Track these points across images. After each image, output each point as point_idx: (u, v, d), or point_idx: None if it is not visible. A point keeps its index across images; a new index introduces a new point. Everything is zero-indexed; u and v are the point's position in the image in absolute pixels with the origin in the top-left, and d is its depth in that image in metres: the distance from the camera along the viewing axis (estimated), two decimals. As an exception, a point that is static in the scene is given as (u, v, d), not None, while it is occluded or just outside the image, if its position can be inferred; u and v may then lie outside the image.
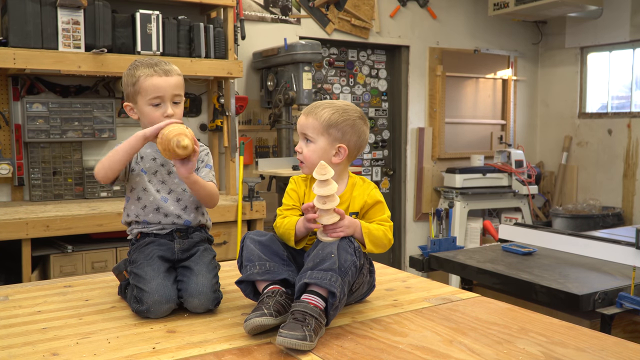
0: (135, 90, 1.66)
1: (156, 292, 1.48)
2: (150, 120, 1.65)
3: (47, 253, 3.01)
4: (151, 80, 1.64)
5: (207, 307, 1.53)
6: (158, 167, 1.70)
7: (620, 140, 5.33)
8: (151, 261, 1.58)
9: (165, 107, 1.65)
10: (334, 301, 1.33)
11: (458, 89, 5.58)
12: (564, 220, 5.08)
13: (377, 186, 1.70)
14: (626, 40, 5.24)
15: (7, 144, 3.47)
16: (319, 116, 1.56)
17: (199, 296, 1.52)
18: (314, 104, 1.60)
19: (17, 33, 3.12)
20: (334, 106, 1.57)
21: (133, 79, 1.66)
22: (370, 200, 1.56)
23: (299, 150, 1.59)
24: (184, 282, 1.55)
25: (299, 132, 1.61)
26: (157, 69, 1.65)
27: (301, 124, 1.59)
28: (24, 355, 1.25)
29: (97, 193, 3.60)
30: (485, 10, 5.42)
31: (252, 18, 4.35)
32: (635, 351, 1.26)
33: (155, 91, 1.64)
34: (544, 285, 2.38)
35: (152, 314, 1.48)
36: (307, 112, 1.59)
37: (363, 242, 1.49)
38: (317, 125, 1.55)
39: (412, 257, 3.23)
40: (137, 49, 3.42)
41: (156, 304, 1.47)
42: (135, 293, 1.53)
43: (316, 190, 1.41)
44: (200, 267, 1.58)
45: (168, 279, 1.54)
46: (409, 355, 1.24)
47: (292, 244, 1.53)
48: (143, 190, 1.68)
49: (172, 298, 1.51)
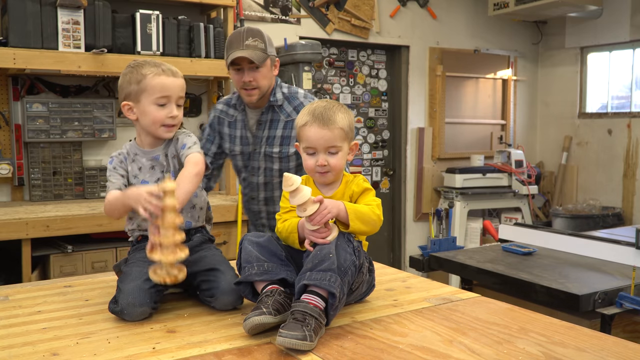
0: (140, 89, 1.63)
1: (130, 294, 1.44)
2: (152, 120, 1.63)
3: (47, 253, 3.01)
4: (159, 79, 1.62)
5: (236, 304, 1.53)
6: (159, 174, 1.68)
7: (620, 140, 5.33)
8: (141, 263, 1.55)
9: (171, 108, 1.64)
10: (333, 301, 1.33)
11: (458, 89, 5.58)
12: (564, 220, 5.08)
13: (377, 186, 1.70)
14: (626, 40, 5.24)
15: (7, 144, 3.47)
16: (339, 123, 1.51)
17: (230, 293, 1.51)
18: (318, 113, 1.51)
19: (17, 33, 3.12)
20: (335, 107, 1.54)
21: (139, 76, 1.62)
22: (357, 189, 1.55)
23: (324, 163, 1.50)
24: (212, 281, 1.53)
25: (321, 147, 1.51)
26: (164, 69, 1.63)
27: (326, 139, 1.50)
28: (24, 355, 1.24)
29: (97, 193, 3.60)
30: (485, 10, 5.42)
31: (252, 18, 4.35)
32: (635, 351, 1.26)
33: (162, 90, 1.62)
34: (544, 285, 2.38)
35: (127, 315, 1.44)
36: (322, 123, 1.50)
37: (347, 220, 1.45)
38: (342, 134, 1.52)
39: (412, 257, 3.23)
40: (137, 49, 3.42)
41: (129, 307, 1.43)
42: (116, 292, 1.51)
43: (292, 202, 1.40)
44: (224, 267, 1.58)
45: (148, 283, 1.48)
46: (409, 355, 1.24)
47: (298, 247, 1.52)
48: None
49: (146, 302, 1.45)
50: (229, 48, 2.22)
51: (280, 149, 2.32)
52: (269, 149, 2.32)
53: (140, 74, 1.62)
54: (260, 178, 2.37)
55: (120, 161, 1.71)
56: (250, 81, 2.22)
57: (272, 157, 2.33)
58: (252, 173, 2.39)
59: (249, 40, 2.19)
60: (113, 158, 1.72)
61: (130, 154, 1.72)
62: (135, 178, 1.68)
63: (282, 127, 2.31)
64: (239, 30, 2.22)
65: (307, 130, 1.52)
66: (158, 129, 1.65)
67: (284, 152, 2.32)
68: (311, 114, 1.52)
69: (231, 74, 2.29)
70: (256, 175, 2.37)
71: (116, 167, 1.70)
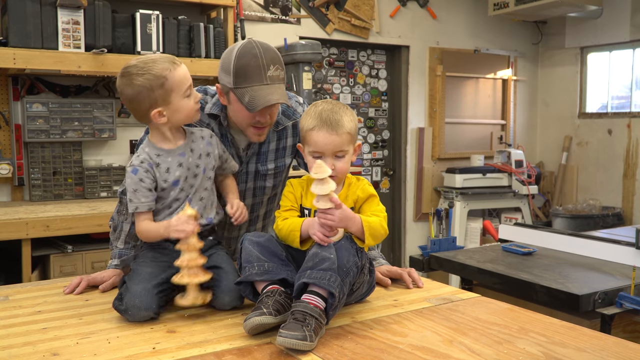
0: (167, 90, 1.54)
1: (137, 296, 1.43)
2: (187, 113, 1.60)
3: (47, 253, 3.01)
4: (178, 72, 1.57)
5: (235, 304, 1.53)
6: (186, 172, 1.63)
7: (620, 140, 5.33)
8: (152, 263, 1.55)
9: (195, 93, 1.62)
10: (332, 301, 1.33)
11: (458, 89, 5.58)
12: (564, 220, 5.08)
13: (377, 186, 1.70)
14: (626, 40, 5.24)
15: (7, 144, 3.47)
16: (347, 127, 1.50)
17: (230, 293, 1.51)
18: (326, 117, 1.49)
19: (17, 33, 3.12)
20: (341, 110, 1.53)
21: (160, 79, 1.53)
22: (363, 194, 1.55)
23: (332, 167, 1.47)
24: (214, 279, 1.52)
25: (329, 152, 1.49)
26: (172, 60, 1.59)
27: (335, 144, 1.48)
28: (24, 355, 1.24)
29: (97, 193, 3.60)
30: (485, 10, 5.42)
31: (252, 18, 4.35)
32: (635, 351, 1.26)
33: (186, 81, 1.59)
34: (544, 285, 2.38)
35: (130, 316, 1.44)
36: (331, 129, 1.48)
37: (363, 237, 1.47)
38: (350, 138, 1.52)
39: (412, 257, 3.23)
40: (137, 49, 3.42)
41: (134, 308, 1.43)
42: (122, 289, 1.49)
43: (314, 190, 1.40)
44: (227, 266, 1.57)
45: (157, 288, 1.48)
46: (409, 355, 1.24)
47: (297, 245, 1.51)
48: (175, 200, 1.62)
49: (152, 306, 1.44)
50: (246, 77, 1.66)
51: (276, 164, 1.94)
52: (262, 166, 1.92)
53: (160, 76, 1.53)
54: (247, 200, 1.95)
55: (146, 170, 1.58)
56: (265, 120, 1.76)
57: (265, 176, 1.94)
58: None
59: (271, 69, 1.69)
60: (137, 168, 1.58)
61: (152, 157, 1.60)
62: (166, 182, 1.60)
63: (276, 138, 1.92)
64: (255, 54, 1.67)
65: (315, 136, 1.50)
66: (193, 116, 1.63)
67: (280, 167, 1.96)
68: (318, 118, 1.50)
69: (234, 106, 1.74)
70: (241, 199, 1.88)
71: (143, 179, 1.57)
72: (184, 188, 1.63)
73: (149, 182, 1.58)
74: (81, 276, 1.75)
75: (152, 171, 1.58)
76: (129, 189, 1.59)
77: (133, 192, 1.57)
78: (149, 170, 1.58)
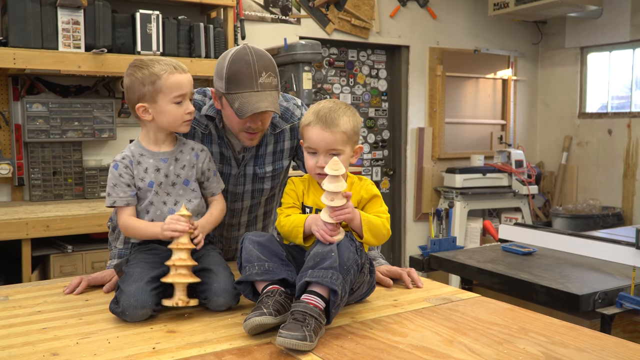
0: (156, 89, 1.59)
1: (132, 296, 1.44)
2: (172, 119, 1.62)
3: (47, 253, 3.01)
4: (174, 78, 1.60)
5: (230, 305, 1.53)
6: (162, 178, 1.66)
7: (620, 140, 5.33)
8: (143, 264, 1.55)
9: (187, 104, 1.64)
10: (335, 299, 1.33)
11: (458, 89, 5.58)
12: (564, 220, 5.08)
13: (377, 186, 1.70)
14: (626, 40, 5.24)
15: (7, 144, 3.47)
16: (342, 127, 1.50)
17: (223, 294, 1.51)
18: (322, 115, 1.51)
19: (17, 33, 3.12)
20: (341, 110, 1.53)
21: (152, 77, 1.58)
22: (366, 195, 1.56)
23: (323, 165, 1.48)
24: (206, 283, 1.53)
25: (321, 149, 1.51)
26: (175, 66, 1.61)
27: (327, 142, 1.50)
28: (24, 355, 1.24)
29: (97, 193, 3.60)
30: (485, 10, 5.42)
31: (252, 18, 4.35)
32: (635, 351, 1.26)
33: (179, 88, 1.61)
34: (544, 285, 2.38)
35: (128, 317, 1.44)
36: (325, 125, 1.50)
37: (361, 232, 1.48)
38: (345, 138, 1.52)
39: (412, 257, 3.23)
40: (137, 49, 3.42)
41: (131, 308, 1.43)
42: (117, 293, 1.50)
43: (326, 187, 1.40)
44: (218, 267, 1.57)
45: (150, 285, 1.48)
46: (409, 355, 1.24)
47: (300, 242, 1.52)
48: (150, 204, 1.64)
49: (147, 304, 1.45)
50: (237, 84, 1.67)
51: (274, 167, 1.95)
52: (260, 169, 1.93)
53: (154, 74, 1.58)
54: (246, 202, 1.98)
55: (126, 166, 1.63)
56: (256, 126, 1.77)
57: (263, 178, 1.95)
58: (233, 199, 1.95)
59: (263, 76, 1.68)
60: (117, 163, 1.64)
61: (135, 155, 1.66)
62: (142, 181, 1.63)
63: (274, 141, 1.93)
64: (247, 61, 1.67)
65: (310, 131, 1.52)
66: (179, 126, 1.65)
67: (277, 169, 1.96)
68: (315, 114, 1.53)
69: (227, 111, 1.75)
70: (239, 200, 1.96)
71: (122, 175, 1.62)
72: (158, 192, 1.64)
73: (128, 177, 1.63)
74: (81, 276, 1.75)
75: (131, 168, 1.64)
76: (109, 183, 1.64)
77: (112, 187, 1.63)
78: (129, 167, 1.64)
